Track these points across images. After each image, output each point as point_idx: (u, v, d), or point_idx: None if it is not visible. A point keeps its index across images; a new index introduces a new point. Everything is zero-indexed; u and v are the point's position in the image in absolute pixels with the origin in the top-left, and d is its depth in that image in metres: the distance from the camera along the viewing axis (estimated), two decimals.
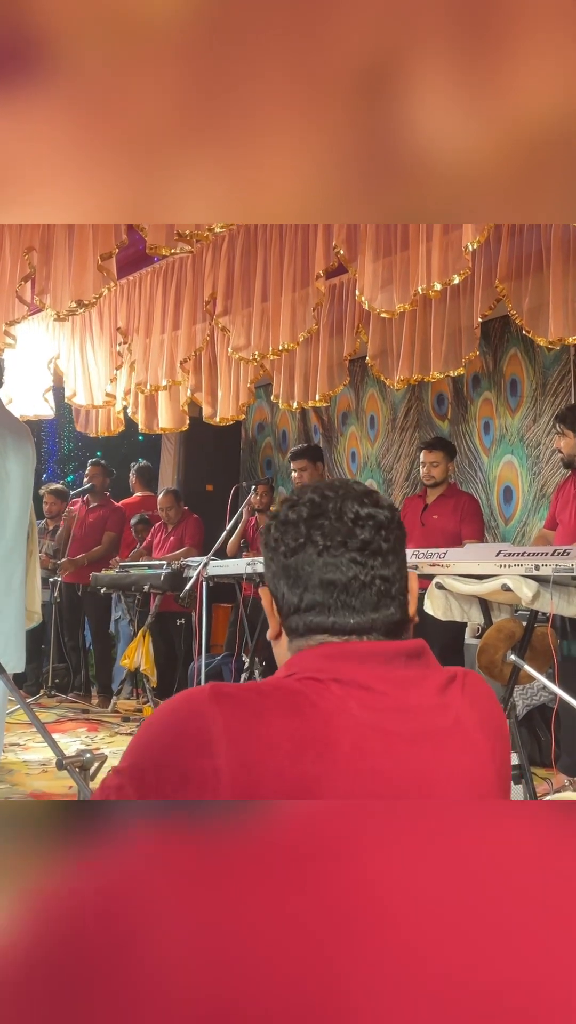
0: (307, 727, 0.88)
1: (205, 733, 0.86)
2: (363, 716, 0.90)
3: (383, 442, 6.74)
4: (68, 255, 4.53)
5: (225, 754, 0.85)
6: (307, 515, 1.00)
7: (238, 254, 4.95)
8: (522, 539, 5.57)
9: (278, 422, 7.73)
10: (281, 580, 1.01)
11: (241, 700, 0.89)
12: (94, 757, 1.85)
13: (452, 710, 0.96)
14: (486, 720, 0.98)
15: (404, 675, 0.96)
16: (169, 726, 0.90)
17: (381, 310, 4.33)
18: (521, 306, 4.39)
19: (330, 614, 0.98)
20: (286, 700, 0.90)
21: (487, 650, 3.42)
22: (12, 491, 3.17)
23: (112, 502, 7.06)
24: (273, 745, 0.86)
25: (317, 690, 0.92)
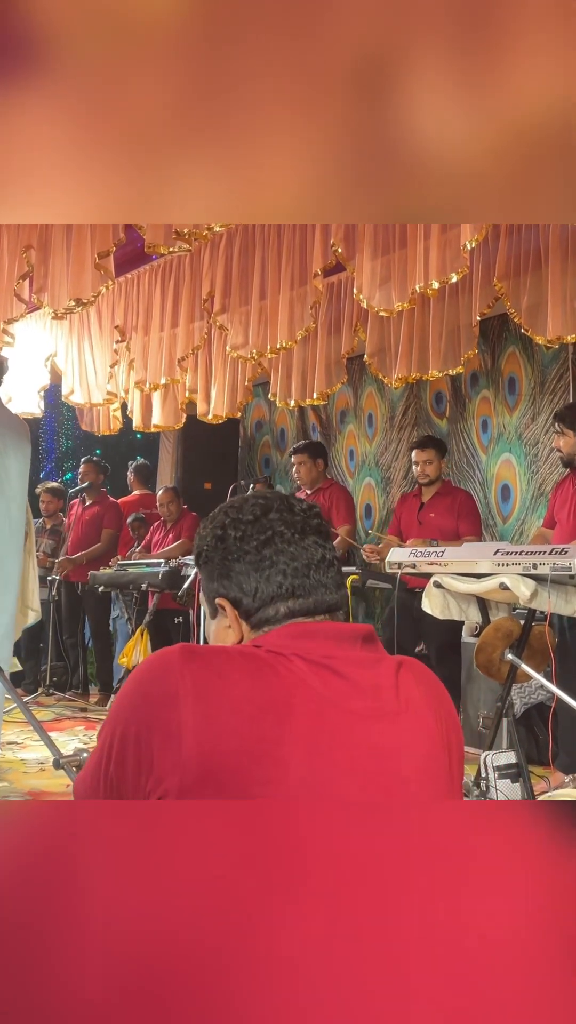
0: (270, 692, 0.93)
1: (172, 687, 0.92)
2: (323, 691, 0.96)
3: (381, 440, 6.74)
4: (66, 253, 4.53)
5: (190, 708, 0.90)
6: (260, 513, 1.08)
7: (236, 252, 4.95)
8: (520, 538, 5.57)
9: (276, 420, 7.73)
10: (252, 575, 1.06)
11: (208, 660, 0.95)
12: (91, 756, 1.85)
13: (404, 691, 1.01)
14: (435, 704, 1.03)
15: (361, 656, 1.02)
16: (140, 684, 0.96)
17: (379, 308, 4.33)
18: (519, 304, 4.39)
19: (310, 594, 1.06)
20: (251, 665, 0.96)
21: (485, 649, 3.42)
22: (11, 489, 3.20)
23: (108, 498, 7.04)
24: (236, 704, 0.91)
25: (281, 662, 0.97)
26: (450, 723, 1.05)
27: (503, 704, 3.48)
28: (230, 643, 1.08)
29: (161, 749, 0.89)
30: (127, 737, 0.94)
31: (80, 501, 6.93)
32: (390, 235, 4.26)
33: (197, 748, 0.88)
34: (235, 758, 0.88)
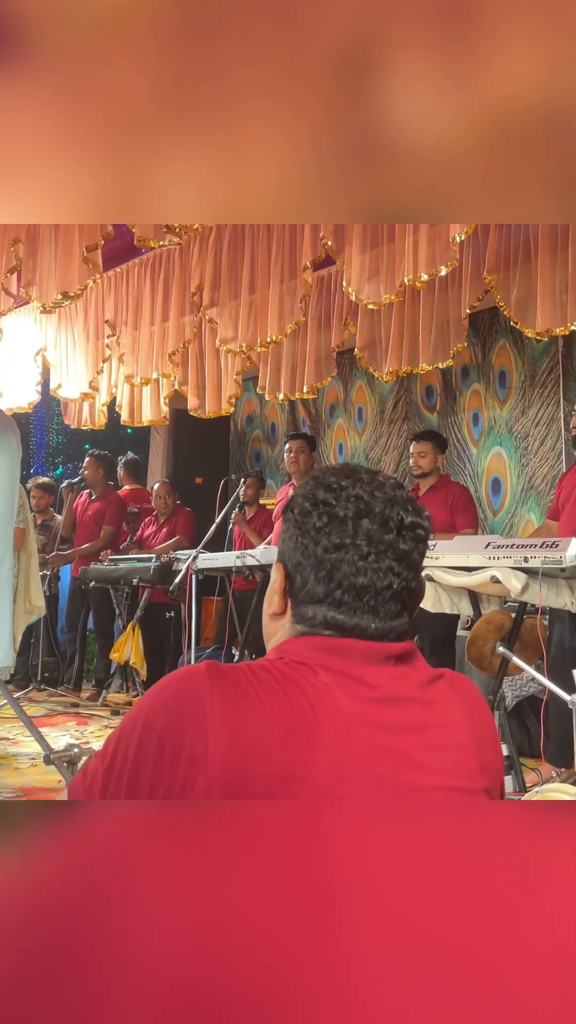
0: (297, 712, 0.89)
1: (200, 710, 0.87)
2: (348, 705, 0.92)
3: (371, 434, 6.74)
4: (54, 247, 4.51)
5: (217, 732, 0.86)
6: (353, 514, 0.99)
7: (225, 246, 4.93)
8: (510, 530, 5.58)
9: (267, 414, 7.72)
10: (309, 569, 0.99)
11: (236, 681, 0.90)
12: (82, 752, 1.85)
13: (437, 705, 0.97)
14: (475, 719, 0.99)
15: (392, 671, 0.98)
16: (166, 703, 0.91)
17: (368, 301, 4.32)
18: (509, 297, 4.39)
19: (354, 616, 0.98)
20: (278, 684, 0.91)
21: (476, 642, 3.43)
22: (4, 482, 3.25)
23: (114, 492, 6.96)
24: (264, 728, 0.87)
25: (306, 676, 0.93)
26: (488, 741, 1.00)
27: (495, 697, 3.49)
28: (273, 609, 1.03)
29: (185, 775, 0.86)
30: (144, 755, 0.89)
31: (87, 495, 6.89)
32: (379, 228, 4.25)
33: (223, 775, 0.85)
34: (262, 783, 0.85)
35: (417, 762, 0.93)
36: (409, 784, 0.91)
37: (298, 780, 0.86)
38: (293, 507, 1.03)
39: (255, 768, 0.85)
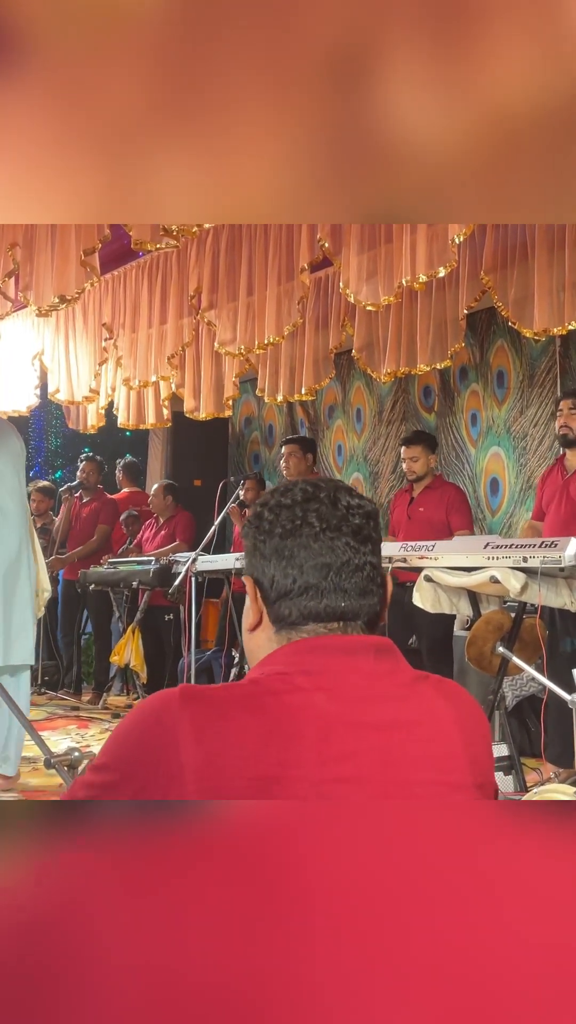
0: (271, 721, 0.91)
1: (171, 731, 0.89)
2: (329, 706, 0.93)
3: (370, 435, 6.74)
4: (51, 250, 4.51)
5: (190, 751, 0.88)
6: (301, 499, 1.03)
7: (223, 248, 4.94)
8: (509, 531, 5.58)
9: (265, 416, 7.72)
10: (272, 563, 1.02)
11: (207, 699, 0.92)
12: (82, 755, 1.85)
13: (423, 701, 0.98)
14: (462, 716, 1.00)
15: (375, 667, 0.99)
16: (138, 724, 0.94)
17: (366, 303, 4.32)
18: (506, 297, 4.39)
19: (323, 597, 1.00)
20: (251, 698, 0.93)
21: (476, 642, 3.43)
22: (7, 489, 3.41)
23: (105, 495, 7.03)
24: (237, 740, 0.89)
25: (283, 684, 0.94)
26: (477, 737, 1.01)
27: (495, 697, 3.49)
28: (249, 622, 1.05)
29: (167, 792, 0.87)
30: (121, 775, 0.92)
31: (77, 499, 6.91)
32: (376, 230, 4.25)
33: (202, 788, 0.86)
34: (241, 790, 0.86)
35: (404, 757, 0.94)
36: (396, 779, 0.92)
37: (279, 783, 0.87)
38: (247, 521, 1.08)
39: (231, 778, 0.87)
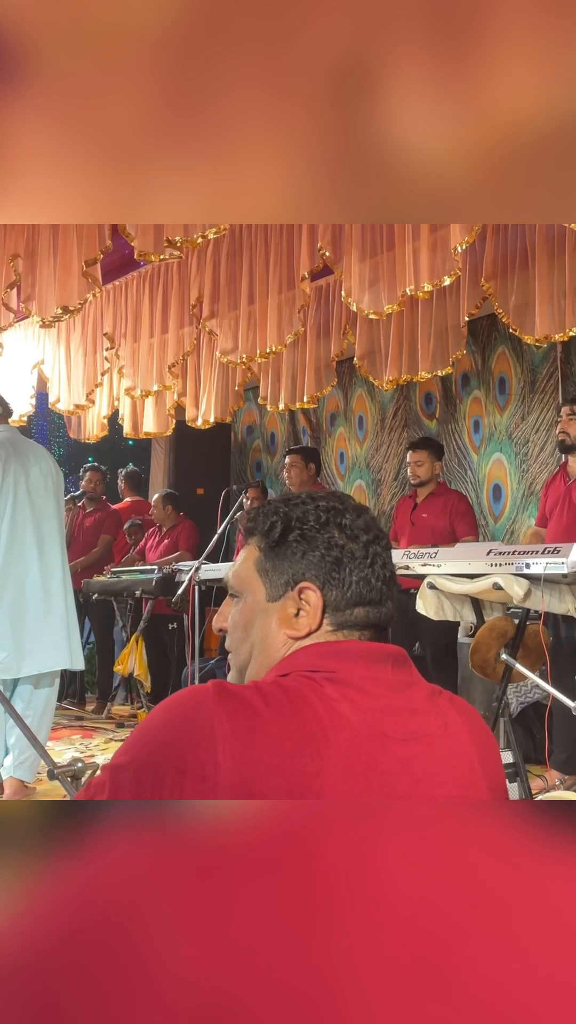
0: (305, 726, 0.89)
1: (208, 728, 0.87)
2: (355, 716, 0.92)
3: (372, 442, 6.74)
4: (53, 261, 4.52)
5: (226, 750, 0.86)
6: (361, 511, 1.08)
7: (224, 257, 4.95)
8: (511, 537, 5.57)
9: (267, 424, 7.73)
10: (354, 569, 1.04)
11: (244, 699, 0.90)
12: (86, 766, 1.84)
13: (441, 715, 0.99)
14: (475, 732, 1.01)
15: (394, 678, 0.99)
16: (173, 719, 0.90)
17: (369, 311, 4.33)
18: (507, 304, 4.40)
19: (385, 603, 1.05)
20: (285, 700, 0.92)
21: (480, 649, 3.42)
22: (44, 509, 3.82)
23: (109, 505, 7.03)
24: (273, 743, 0.87)
25: (313, 689, 0.93)
26: (490, 753, 1.02)
27: (499, 704, 3.48)
28: (302, 630, 1.03)
29: (194, 791, 0.85)
30: (149, 772, 0.88)
31: (80, 508, 6.91)
32: (377, 237, 4.26)
33: (234, 790, 0.84)
34: (273, 796, 0.85)
35: (425, 771, 0.93)
36: (419, 794, 0.92)
37: (309, 792, 0.86)
38: (296, 523, 1.05)
39: (265, 782, 0.85)
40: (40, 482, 3.86)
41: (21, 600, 3.69)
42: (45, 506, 3.84)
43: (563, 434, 4.09)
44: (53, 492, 3.91)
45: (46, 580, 3.78)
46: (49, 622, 3.74)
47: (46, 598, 3.76)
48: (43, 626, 3.72)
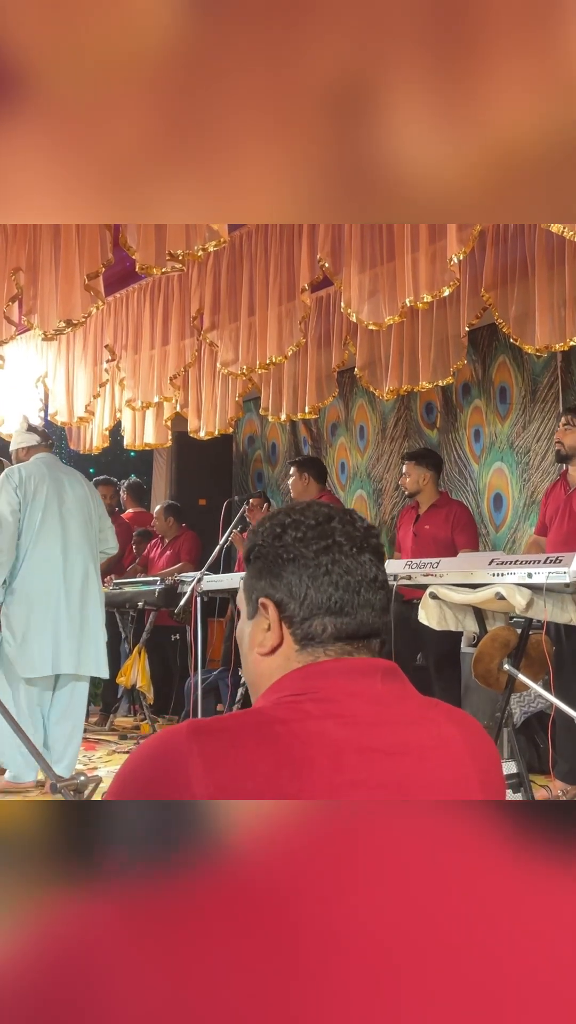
0: (282, 750, 0.89)
1: (181, 767, 0.88)
2: (339, 733, 0.92)
3: (373, 452, 6.75)
4: (55, 275, 4.54)
5: (202, 783, 0.86)
6: (323, 519, 1.05)
7: (224, 269, 4.97)
8: (512, 546, 5.57)
9: (268, 435, 7.74)
10: (304, 579, 1.02)
11: (216, 731, 0.91)
12: (88, 779, 1.84)
13: (435, 727, 0.98)
14: (471, 739, 1.00)
15: (382, 691, 0.98)
16: (148, 763, 0.92)
17: (369, 322, 4.34)
18: (507, 314, 4.41)
19: (356, 613, 1.01)
20: (261, 727, 0.92)
21: (483, 659, 3.42)
22: (75, 532, 4.21)
23: (120, 517, 7.01)
24: (249, 770, 0.87)
25: (293, 712, 0.93)
26: (487, 759, 1.01)
27: (502, 714, 3.47)
28: (267, 647, 1.04)
29: None
30: None
31: None
32: (377, 248, 4.28)
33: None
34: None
35: (416, 783, 0.93)
36: None
37: None
38: (258, 543, 1.06)
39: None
40: (75, 508, 4.24)
41: (48, 608, 4.07)
42: (77, 529, 4.21)
43: (559, 444, 4.11)
44: (87, 517, 4.30)
45: (80, 591, 4.18)
46: (83, 629, 4.13)
47: (80, 609, 4.15)
48: (65, 631, 4.07)
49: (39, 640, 4.01)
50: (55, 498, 4.17)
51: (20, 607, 4.03)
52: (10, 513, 4.02)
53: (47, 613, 4.05)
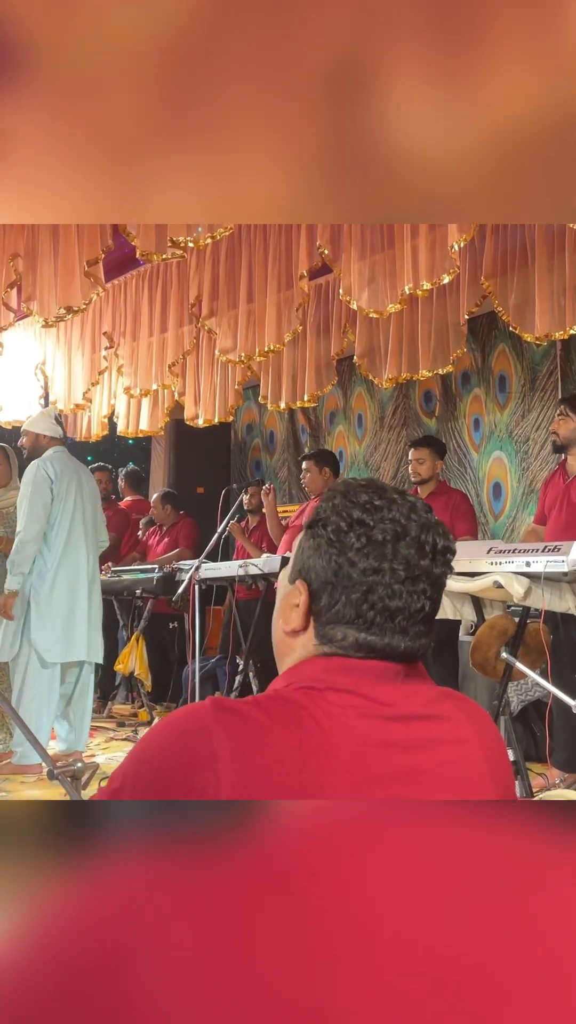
0: (307, 739, 0.88)
1: (207, 747, 0.86)
2: (359, 725, 0.91)
3: (371, 441, 6.74)
4: (54, 261, 4.52)
5: (227, 768, 0.85)
6: (392, 537, 0.97)
7: (223, 256, 4.94)
8: (511, 535, 5.57)
9: (266, 423, 7.73)
10: (341, 590, 0.97)
11: (242, 714, 0.89)
12: (85, 766, 1.84)
13: (448, 722, 0.97)
14: (484, 737, 0.99)
15: (400, 688, 0.97)
16: (171, 741, 0.90)
17: (369, 310, 4.32)
18: (507, 302, 4.39)
19: (384, 636, 0.97)
20: (286, 712, 0.90)
21: (480, 647, 3.42)
22: (92, 518, 4.55)
23: (116, 504, 7.01)
24: (274, 758, 0.86)
25: (315, 700, 0.92)
26: (499, 758, 1.00)
27: (500, 702, 3.48)
28: (291, 626, 1.01)
29: None
30: (149, 793, 0.88)
31: None
32: (376, 236, 4.26)
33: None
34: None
35: (432, 779, 0.92)
36: None
37: None
38: (325, 524, 1.00)
39: (268, 797, 0.84)
40: (89, 495, 4.58)
41: (73, 596, 4.40)
42: (89, 523, 4.55)
43: (554, 435, 4.11)
44: (95, 510, 4.66)
45: (89, 581, 4.51)
46: (91, 617, 4.48)
47: (88, 596, 4.48)
48: (84, 620, 4.43)
49: (71, 627, 4.34)
50: (78, 493, 4.49)
51: (55, 596, 4.34)
52: (42, 506, 4.29)
53: (78, 602, 4.39)
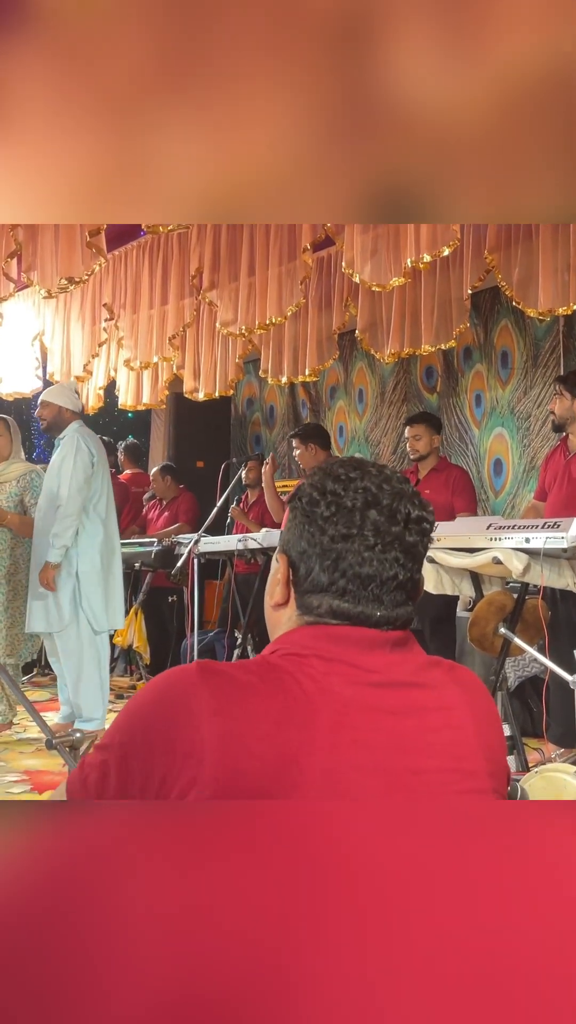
0: (290, 700, 0.90)
1: (191, 706, 0.89)
2: (344, 690, 0.92)
3: (371, 416, 6.72)
4: (54, 231, 4.48)
5: (210, 725, 0.87)
6: (361, 504, 0.99)
7: (224, 227, 4.90)
8: (512, 511, 5.56)
9: (266, 397, 7.70)
10: (315, 558, 1.00)
11: (227, 676, 0.92)
12: (84, 736, 1.85)
13: (436, 689, 0.98)
14: (474, 703, 1.00)
15: (389, 657, 0.98)
16: (157, 700, 0.93)
17: (371, 283, 4.29)
18: (511, 277, 4.36)
19: (359, 604, 0.99)
20: (270, 675, 0.93)
21: (479, 623, 3.43)
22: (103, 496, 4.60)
23: (116, 477, 6.99)
24: (256, 717, 0.88)
25: (299, 665, 0.94)
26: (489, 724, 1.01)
27: (497, 678, 3.49)
28: (275, 599, 1.04)
29: (181, 768, 0.87)
30: (136, 751, 0.91)
31: None
32: None
33: (219, 765, 0.85)
34: (259, 770, 0.86)
35: (417, 744, 0.93)
36: (408, 767, 0.92)
37: (295, 765, 0.87)
38: (300, 496, 1.03)
39: (250, 756, 0.86)
40: (107, 467, 4.71)
41: (110, 566, 4.60)
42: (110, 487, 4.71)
43: (552, 413, 4.12)
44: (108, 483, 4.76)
45: (119, 551, 4.72)
46: (120, 586, 4.69)
47: (118, 566, 4.69)
48: (118, 589, 4.66)
49: (112, 597, 4.56)
50: (106, 466, 4.65)
51: (102, 566, 4.53)
52: (85, 481, 4.39)
53: (113, 572, 4.60)
